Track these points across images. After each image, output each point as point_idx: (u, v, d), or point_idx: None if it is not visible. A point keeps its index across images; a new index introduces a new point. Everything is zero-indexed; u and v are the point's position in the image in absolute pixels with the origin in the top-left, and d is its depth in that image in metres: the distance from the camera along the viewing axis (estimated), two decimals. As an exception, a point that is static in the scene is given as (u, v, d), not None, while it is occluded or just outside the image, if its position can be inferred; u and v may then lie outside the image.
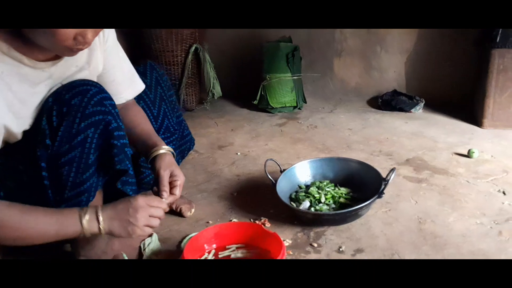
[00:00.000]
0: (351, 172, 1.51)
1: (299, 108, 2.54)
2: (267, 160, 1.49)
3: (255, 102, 2.57)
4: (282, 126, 2.32)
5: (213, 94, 2.70)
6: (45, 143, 0.99)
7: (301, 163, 1.54)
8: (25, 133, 1.00)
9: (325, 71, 2.76)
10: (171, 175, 1.11)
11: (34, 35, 0.87)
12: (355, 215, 1.32)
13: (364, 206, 1.28)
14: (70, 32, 0.85)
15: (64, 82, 1.03)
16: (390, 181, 1.32)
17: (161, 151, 1.14)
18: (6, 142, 0.99)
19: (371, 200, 1.28)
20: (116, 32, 1.17)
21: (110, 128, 1.03)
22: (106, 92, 1.06)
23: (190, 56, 2.60)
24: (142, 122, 1.22)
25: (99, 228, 0.97)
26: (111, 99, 1.06)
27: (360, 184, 1.45)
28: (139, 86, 1.25)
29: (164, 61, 2.60)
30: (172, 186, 1.10)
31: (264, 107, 2.56)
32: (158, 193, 1.08)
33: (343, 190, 1.44)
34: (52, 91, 1.01)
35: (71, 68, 1.04)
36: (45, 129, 0.99)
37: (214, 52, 2.76)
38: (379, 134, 2.10)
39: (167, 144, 1.44)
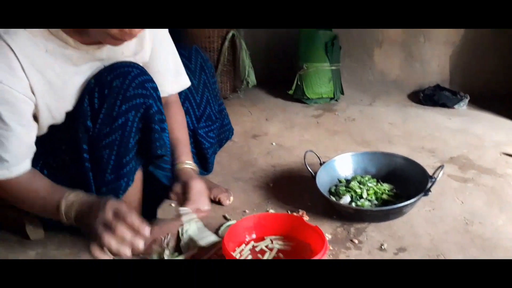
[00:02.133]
0: (394, 168, 1.45)
1: (336, 100, 2.47)
2: (306, 152, 1.45)
3: (291, 92, 2.51)
4: (318, 118, 2.27)
5: (247, 83, 2.66)
6: (86, 125, 0.99)
7: (342, 155, 1.49)
8: (68, 114, 1.00)
9: (364, 61, 2.67)
10: (185, 186, 1.08)
11: None
12: (398, 213, 1.27)
13: (409, 204, 1.23)
14: None
15: (107, 64, 1.02)
16: (438, 178, 1.26)
17: (180, 166, 1.14)
18: (51, 126, 1.00)
19: (417, 197, 1.23)
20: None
21: (151, 112, 1.01)
22: (147, 74, 1.04)
23: (226, 43, 2.57)
24: (175, 128, 1.18)
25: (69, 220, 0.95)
26: (152, 82, 1.04)
27: (403, 181, 1.40)
28: (185, 82, 1.23)
29: (200, 47, 2.57)
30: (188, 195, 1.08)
31: (299, 97, 2.50)
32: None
33: (385, 186, 1.39)
34: (94, 72, 1.01)
35: (117, 54, 1.03)
36: (86, 111, 0.99)
37: (248, 38, 2.71)
38: (421, 129, 2.02)
39: (208, 132, 1.44)
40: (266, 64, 2.83)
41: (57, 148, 1.04)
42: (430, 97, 2.34)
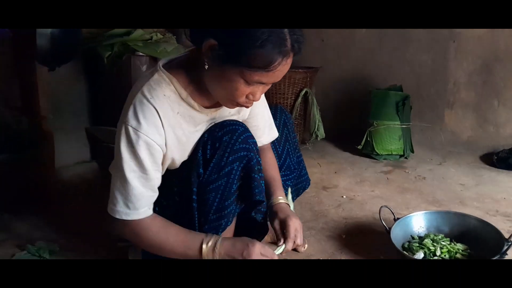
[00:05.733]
0: (467, 229, 1.48)
1: (406, 157, 2.52)
2: (381, 207, 1.53)
3: (360, 147, 2.61)
4: (388, 174, 2.33)
5: (316, 136, 2.80)
6: (198, 172, 1.17)
7: (416, 213, 1.55)
8: (183, 162, 1.20)
9: (435, 122, 2.72)
10: (284, 223, 1.24)
11: (212, 87, 1.07)
12: (473, 273, 1.29)
13: (485, 265, 1.25)
14: (246, 91, 1.03)
15: (217, 121, 1.22)
16: (514, 242, 1.28)
17: (275, 201, 1.30)
18: (167, 169, 1.20)
19: (493, 259, 1.26)
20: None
21: (252, 163, 1.18)
22: (249, 132, 1.22)
23: (299, 99, 2.76)
24: (269, 169, 1.37)
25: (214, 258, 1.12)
26: (253, 138, 1.22)
27: (477, 242, 1.42)
28: (275, 133, 1.42)
29: (274, 102, 2.79)
30: (287, 233, 1.23)
31: (368, 153, 2.59)
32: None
33: (459, 245, 1.42)
34: (207, 128, 1.21)
35: (225, 114, 1.23)
36: (199, 160, 1.17)
37: (318, 94, 2.88)
38: (495, 192, 2.01)
39: (286, 181, 1.58)
40: (334, 118, 2.98)
41: (169, 190, 1.22)
42: (505, 160, 2.32)
